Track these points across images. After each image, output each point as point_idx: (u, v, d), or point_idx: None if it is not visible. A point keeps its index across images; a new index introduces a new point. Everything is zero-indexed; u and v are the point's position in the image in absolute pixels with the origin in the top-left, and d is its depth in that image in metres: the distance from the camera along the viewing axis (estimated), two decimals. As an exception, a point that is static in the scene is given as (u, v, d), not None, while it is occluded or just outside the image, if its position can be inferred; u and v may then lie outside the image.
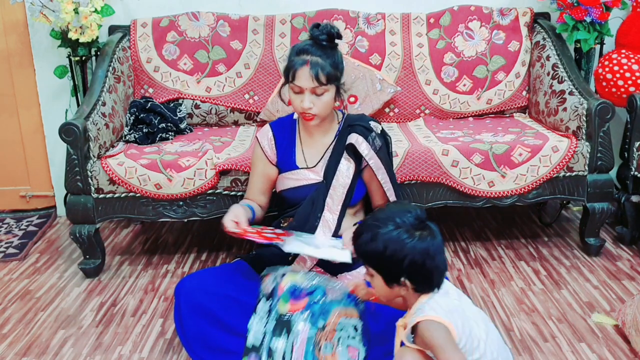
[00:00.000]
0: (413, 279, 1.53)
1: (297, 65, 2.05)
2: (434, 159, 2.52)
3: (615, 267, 2.59)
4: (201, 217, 2.59)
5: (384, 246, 1.51)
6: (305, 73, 2.04)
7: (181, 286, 1.97)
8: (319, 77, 2.03)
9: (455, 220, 3.15)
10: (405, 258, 1.50)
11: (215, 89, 3.07)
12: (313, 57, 2.04)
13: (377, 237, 1.53)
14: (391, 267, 1.52)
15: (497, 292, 2.42)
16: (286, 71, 2.10)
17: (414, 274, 1.52)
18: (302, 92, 2.07)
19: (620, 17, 3.01)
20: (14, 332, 2.27)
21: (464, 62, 3.07)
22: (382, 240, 1.52)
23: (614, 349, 2.02)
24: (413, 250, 1.50)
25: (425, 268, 1.51)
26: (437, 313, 1.52)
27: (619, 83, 2.77)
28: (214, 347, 1.91)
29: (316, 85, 2.04)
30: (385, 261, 1.52)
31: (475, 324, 1.58)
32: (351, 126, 2.16)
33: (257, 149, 2.27)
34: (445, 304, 1.56)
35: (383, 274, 1.56)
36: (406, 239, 1.51)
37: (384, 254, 1.52)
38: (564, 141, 2.58)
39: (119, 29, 3.12)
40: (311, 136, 2.21)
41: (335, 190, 2.12)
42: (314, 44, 2.08)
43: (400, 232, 1.52)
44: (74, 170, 2.51)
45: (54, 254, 2.94)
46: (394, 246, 1.51)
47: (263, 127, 2.30)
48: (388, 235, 1.52)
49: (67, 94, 3.22)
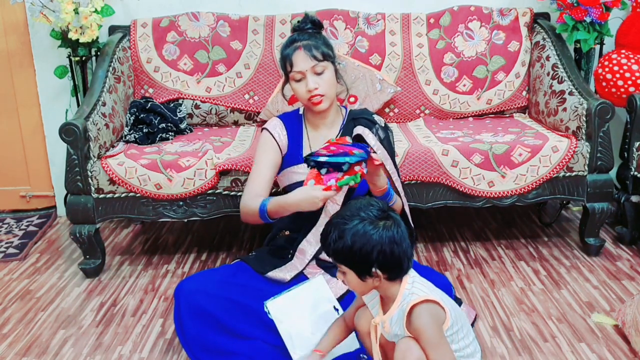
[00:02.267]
0: (384, 268, 1.56)
1: (292, 53, 2.12)
2: (433, 159, 2.52)
3: (615, 267, 2.59)
4: (201, 217, 2.59)
5: (352, 241, 1.55)
6: (300, 55, 2.11)
7: (181, 288, 1.97)
8: (314, 54, 2.10)
9: (455, 220, 3.15)
10: (374, 248, 1.54)
11: (215, 89, 3.07)
12: (303, 42, 2.13)
13: (344, 233, 1.56)
14: (361, 260, 1.55)
15: (497, 292, 2.42)
16: (283, 65, 2.16)
17: (384, 263, 1.56)
18: (303, 76, 2.11)
19: (620, 17, 3.01)
20: (14, 332, 2.27)
21: (464, 62, 3.07)
22: (349, 235, 1.55)
23: (614, 349, 2.02)
24: (380, 239, 1.54)
25: (394, 255, 1.55)
26: (433, 295, 1.56)
27: (618, 83, 2.77)
28: (213, 349, 1.91)
29: (315, 64, 2.10)
30: (355, 255, 1.55)
31: (461, 314, 1.61)
32: (355, 119, 2.20)
33: (268, 138, 2.23)
34: (431, 286, 1.59)
35: (355, 268, 1.58)
36: (371, 230, 1.55)
37: (352, 248, 1.55)
38: (563, 141, 2.58)
39: (119, 29, 3.12)
40: (317, 130, 2.22)
41: None
42: (300, 33, 2.16)
43: (365, 225, 1.56)
44: (74, 170, 2.52)
45: (54, 254, 2.94)
46: (361, 239, 1.54)
47: (271, 120, 2.28)
48: (354, 230, 1.55)
49: (67, 94, 3.22)
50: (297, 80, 2.13)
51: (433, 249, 2.83)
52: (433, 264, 2.67)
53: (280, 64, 2.20)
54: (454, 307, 1.64)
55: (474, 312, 2.17)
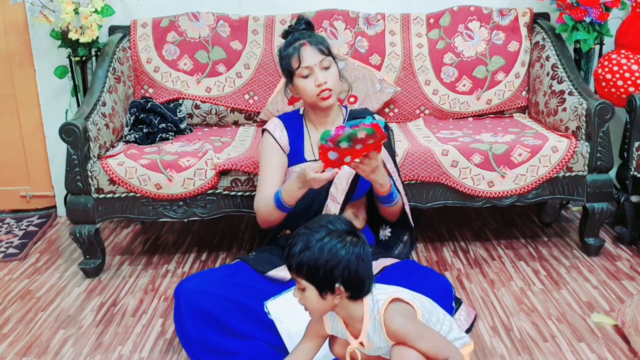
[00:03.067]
0: (347, 285, 1.51)
1: (298, 49, 2.12)
2: (433, 159, 2.52)
3: (615, 267, 2.59)
4: (201, 217, 2.59)
5: (319, 252, 1.49)
6: (308, 50, 2.11)
7: (181, 288, 1.97)
8: (321, 49, 2.12)
9: (455, 220, 3.15)
10: (340, 263, 1.49)
11: (215, 89, 3.07)
12: (307, 38, 2.14)
13: (310, 244, 1.50)
14: (326, 274, 1.49)
15: (496, 292, 2.42)
16: (287, 64, 2.14)
17: (348, 280, 1.51)
18: (311, 71, 2.11)
19: (619, 17, 3.01)
20: (14, 332, 2.27)
21: (464, 63, 3.07)
22: (317, 246, 1.49)
23: (614, 349, 2.02)
24: (347, 254, 1.50)
25: (359, 273, 1.51)
26: (395, 294, 1.55)
27: (618, 83, 2.78)
28: (213, 349, 1.91)
29: (323, 58, 2.12)
30: (319, 268, 1.49)
31: (428, 302, 1.63)
32: (356, 118, 2.18)
33: (269, 141, 2.21)
34: (388, 287, 1.59)
35: (317, 283, 1.51)
36: (339, 244, 1.50)
37: (318, 260, 1.49)
38: (563, 141, 2.58)
39: (119, 30, 3.12)
40: (318, 129, 2.22)
41: (340, 180, 2.12)
42: (298, 33, 2.17)
43: (333, 237, 1.51)
44: (74, 170, 2.52)
45: (54, 254, 2.94)
46: (328, 252, 1.49)
47: (271, 121, 2.26)
48: (322, 242, 1.50)
49: (67, 94, 3.22)
50: (304, 77, 2.12)
51: (433, 249, 2.83)
52: (433, 264, 2.68)
53: (283, 63, 2.16)
54: (416, 296, 1.63)
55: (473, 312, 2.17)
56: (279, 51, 2.20)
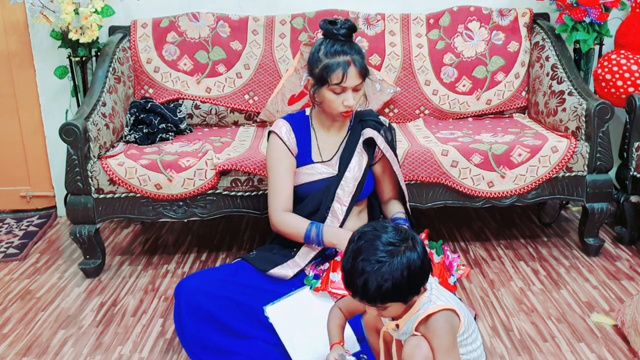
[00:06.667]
0: (425, 280, 1.54)
1: (344, 67, 2.02)
2: (433, 159, 2.53)
3: (615, 267, 2.59)
4: (201, 217, 2.59)
5: (392, 278, 1.45)
6: (353, 72, 2.02)
7: (181, 287, 1.97)
8: (362, 72, 2.05)
9: (455, 220, 3.15)
10: (415, 273, 1.48)
11: (215, 89, 3.07)
12: (352, 56, 2.04)
13: (382, 276, 1.45)
14: (408, 287, 1.49)
15: (496, 292, 2.42)
16: (325, 75, 2.03)
17: (424, 278, 1.53)
18: (344, 91, 2.05)
19: (619, 17, 3.02)
20: (14, 332, 2.27)
21: (464, 63, 3.07)
22: (389, 274, 1.45)
23: (613, 349, 2.02)
24: (415, 262, 1.48)
25: (424, 268, 1.52)
26: (450, 303, 1.54)
27: (618, 83, 2.78)
28: (213, 348, 1.91)
29: (361, 82, 2.06)
30: (401, 287, 1.48)
31: (474, 324, 1.60)
32: (363, 121, 2.20)
33: (277, 144, 2.15)
34: (447, 294, 1.58)
35: (403, 298, 1.50)
36: (403, 257, 1.47)
37: (400, 283, 1.46)
38: (563, 141, 2.58)
39: (119, 30, 3.12)
40: (325, 131, 2.21)
41: (347, 182, 2.12)
42: (344, 43, 2.05)
43: (394, 255, 1.47)
44: (74, 170, 2.52)
45: (54, 254, 2.94)
46: (401, 271, 1.46)
47: (277, 122, 2.21)
48: (389, 267, 1.45)
49: (68, 95, 3.22)
50: (336, 93, 2.05)
51: (433, 249, 2.83)
52: (433, 264, 2.68)
53: (322, 72, 2.03)
54: (467, 314, 1.62)
55: (473, 312, 2.18)
56: (319, 54, 2.06)
